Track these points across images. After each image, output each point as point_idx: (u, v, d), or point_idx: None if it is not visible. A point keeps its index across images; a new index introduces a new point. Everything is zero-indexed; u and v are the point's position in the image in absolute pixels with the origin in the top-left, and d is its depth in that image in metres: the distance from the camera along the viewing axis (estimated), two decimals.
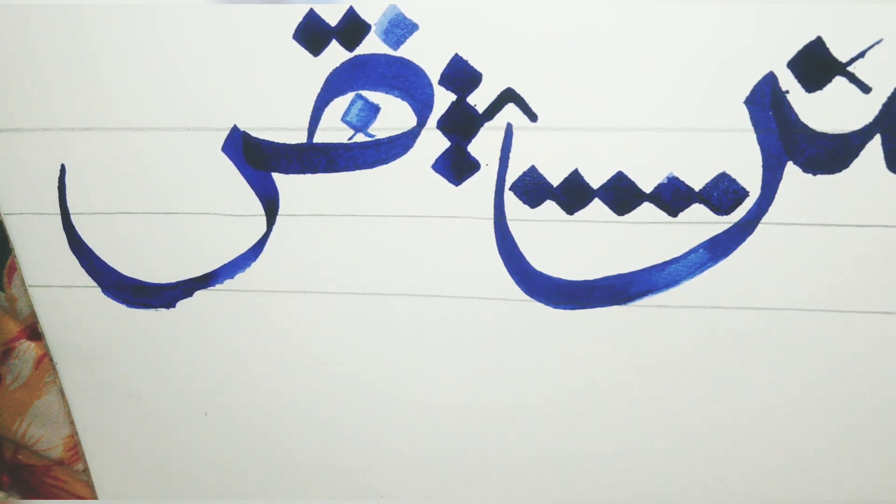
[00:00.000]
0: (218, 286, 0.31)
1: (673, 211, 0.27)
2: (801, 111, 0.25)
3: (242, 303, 0.31)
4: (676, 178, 0.27)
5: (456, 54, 0.26)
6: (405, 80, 0.27)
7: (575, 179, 0.27)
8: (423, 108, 0.27)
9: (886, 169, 0.26)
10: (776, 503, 0.31)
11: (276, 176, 0.29)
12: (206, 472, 0.34)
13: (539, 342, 0.30)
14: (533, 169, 0.27)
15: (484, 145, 0.27)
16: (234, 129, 0.28)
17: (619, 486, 0.32)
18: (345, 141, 0.28)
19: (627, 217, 0.27)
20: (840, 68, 0.25)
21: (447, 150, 0.27)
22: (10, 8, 0.27)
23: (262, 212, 0.29)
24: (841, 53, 0.24)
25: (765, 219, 0.27)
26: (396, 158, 0.28)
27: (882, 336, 0.28)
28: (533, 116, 0.27)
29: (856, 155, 0.26)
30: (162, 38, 0.27)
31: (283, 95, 0.27)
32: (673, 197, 0.27)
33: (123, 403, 0.34)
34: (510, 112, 0.27)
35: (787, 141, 0.26)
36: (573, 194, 0.27)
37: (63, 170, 0.29)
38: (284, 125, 0.28)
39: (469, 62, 0.26)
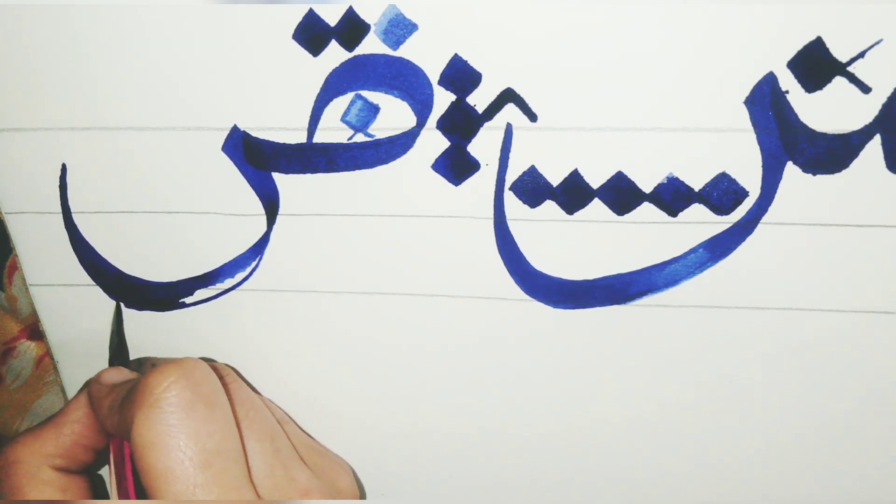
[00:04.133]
0: (219, 285, 0.31)
1: (673, 211, 0.27)
2: (801, 111, 0.25)
3: (243, 301, 0.31)
4: (676, 178, 0.27)
5: (455, 54, 0.26)
6: (405, 80, 0.27)
7: (575, 179, 0.27)
8: (422, 108, 0.27)
9: (886, 169, 0.26)
10: (776, 503, 0.31)
11: (276, 175, 0.29)
12: None
13: (538, 341, 0.30)
14: (533, 169, 0.27)
15: (484, 145, 0.27)
16: (234, 129, 0.28)
17: (616, 485, 0.32)
18: (344, 141, 0.28)
19: (627, 217, 0.27)
20: (840, 68, 0.25)
21: (447, 150, 0.27)
22: (9, 7, 0.27)
23: (263, 211, 0.29)
24: (841, 53, 0.24)
25: (765, 219, 0.27)
26: (396, 158, 0.28)
27: (882, 336, 0.28)
28: (533, 116, 0.27)
29: (856, 155, 0.26)
30: (162, 38, 0.27)
31: (283, 95, 0.27)
32: (673, 197, 0.27)
33: None
34: (510, 112, 0.27)
35: (787, 141, 0.26)
36: (573, 194, 0.27)
37: (64, 169, 0.30)
38: (284, 125, 0.28)
39: (469, 62, 0.26)
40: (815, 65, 0.25)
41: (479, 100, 0.27)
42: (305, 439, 0.30)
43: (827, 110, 0.25)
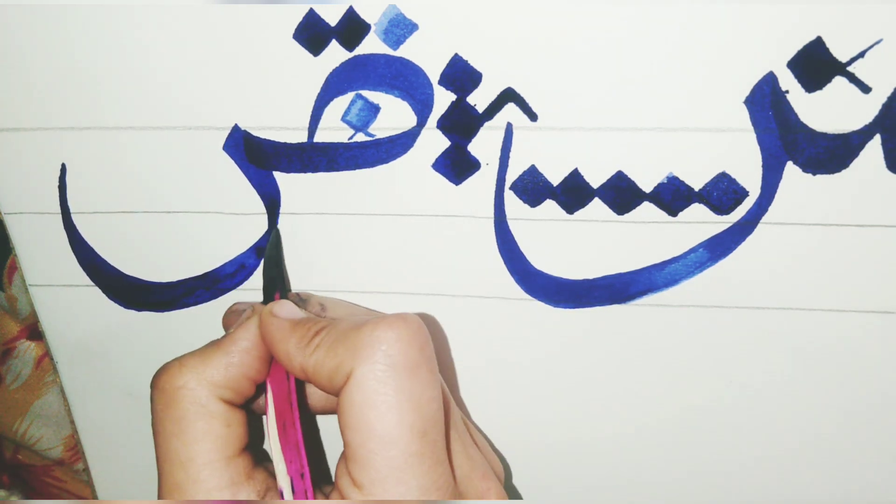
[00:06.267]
0: (220, 285, 0.31)
1: (673, 211, 0.27)
2: (801, 111, 0.25)
3: (243, 301, 0.31)
4: (676, 178, 0.27)
5: (456, 54, 0.26)
6: (405, 79, 0.27)
7: (575, 179, 0.27)
8: (422, 107, 0.27)
9: (886, 169, 0.26)
10: (776, 503, 0.31)
11: (277, 175, 0.29)
12: None
13: (538, 340, 0.30)
14: (533, 168, 0.27)
15: (484, 145, 0.27)
16: (235, 129, 0.28)
17: (618, 486, 0.32)
18: (345, 140, 0.28)
19: (627, 217, 0.27)
20: (840, 68, 0.25)
21: (447, 150, 0.27)
22: (8, 7, 0.27)
23: (264, 210, 0.29)
24: (841, 53, 0.24)
25: (764, 218, 0.27)
26: (396, 158, 0.28)
27: (882, 336, 0.28)
28: (533, 116, 0.27)
29: (856, 155, 0.26)
30: (162, 38, 0.27)
31: (284, 95, 0.27)
32: (673, 197, 0.27)
33: (123, 403, 0.34)
34: (510, 112, 0.27)
35: (787, 141, 0.26)
36: (573, 194, 0.27)
37: (63, 169, 0.29)
38: (285, 124, 0.28)
39: (469, 62, 0.26)
40: (815, 65, 0.25)
41: (479, 99, 0.27)
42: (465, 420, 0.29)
43: (827, 110, 0.25)
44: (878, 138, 0.25)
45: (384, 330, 0.23)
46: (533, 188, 0.28)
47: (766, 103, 0.25)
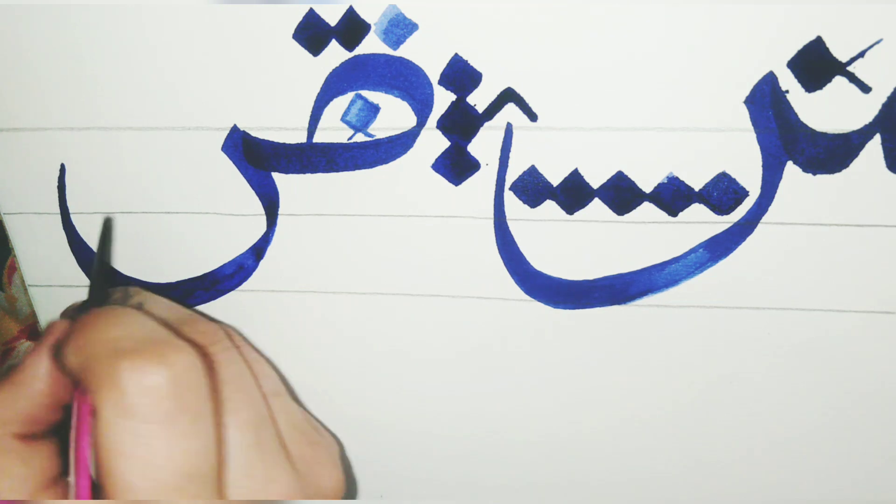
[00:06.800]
0: (218, 286, 0.31)
1: (673, 211, 0.27)
2: (801, 111, 0.25)
3: (242, 302, 0.31)
4: (676, 178, 0.27)
5: (456, 54, 0.26)
6: (405, 79, 0.27)
7: (575, 179, 0.27)
8: (422, 107, 0.27)
9: (886, 169, 0.26)
10: (775, 503, 0.31)
11: (276, 175, 0.29)
12: None
13: (539, 341, 0.30)
14: (533, 169, 0.27)
15: (484, 145, 0.27)
16: (234, 129, 0.28)
17: (617, 486, 0.32)
18: (344, 141, 0.28)
19: (627, 217, 0.27)
20: (840, 68, 0.25)
21: (447, 150, 0.27)
22: (8, 7, 0.27)
23: (262, 211, 0.29)
24: (841, 53, 0.24)
25: (765, 218, 0.27)
26: (396, 158, 0.28)
27: (882, 336, 0.28)
28: (533, 116, 0.27)
29: (856, 155, 0.26)
30: (161, 38, 0.27)
31: (283, 95, 0.27)
32: (673, 197, 0.27)
33: None
34: (510, 112, 0.27)
35: (787, 141, 0.26)
36: (573, 194, 0.27)
37: (63, 169, 0.29)
38: (284, 125, 0.28)
39: (469, 62, 0.26)
40: (815, 65, 0.25)
41: (479, 99, 0.27)
42: (297, 418, 0.27)
43: (827, 110, 0.25)
44: (878, 138, 0.25)
45: (132, 374, 0.21)
46: (533, 188, 0.28)
47: (766, 103, 0.25)
